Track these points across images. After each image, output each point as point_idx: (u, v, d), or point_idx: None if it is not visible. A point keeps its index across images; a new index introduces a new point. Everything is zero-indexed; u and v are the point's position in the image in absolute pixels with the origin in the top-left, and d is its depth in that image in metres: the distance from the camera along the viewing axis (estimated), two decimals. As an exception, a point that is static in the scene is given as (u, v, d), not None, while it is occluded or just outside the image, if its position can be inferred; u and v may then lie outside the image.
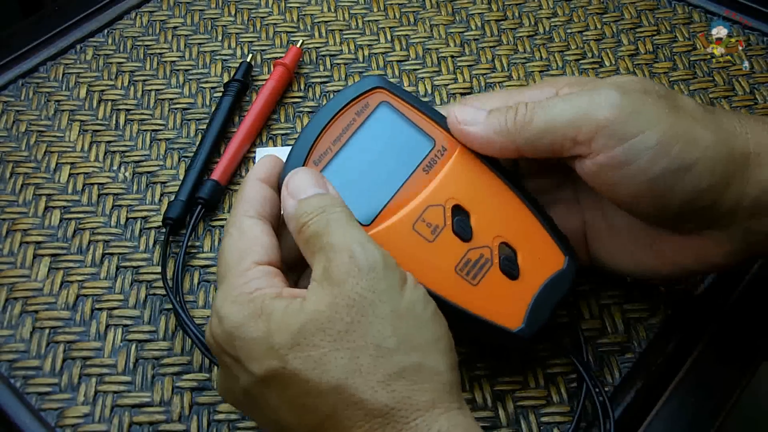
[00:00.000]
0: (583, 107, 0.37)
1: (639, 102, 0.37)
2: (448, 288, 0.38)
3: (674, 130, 0.36)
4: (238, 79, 0.57)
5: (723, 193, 0.37)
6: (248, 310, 0.34)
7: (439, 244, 0.38)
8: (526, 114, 0.38)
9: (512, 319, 0.39)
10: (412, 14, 0.64)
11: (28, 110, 0.57)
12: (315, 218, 0.36)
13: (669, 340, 0.46)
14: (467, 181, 0.40)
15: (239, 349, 0.34)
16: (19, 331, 0.46)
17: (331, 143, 0.39)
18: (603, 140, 0.37)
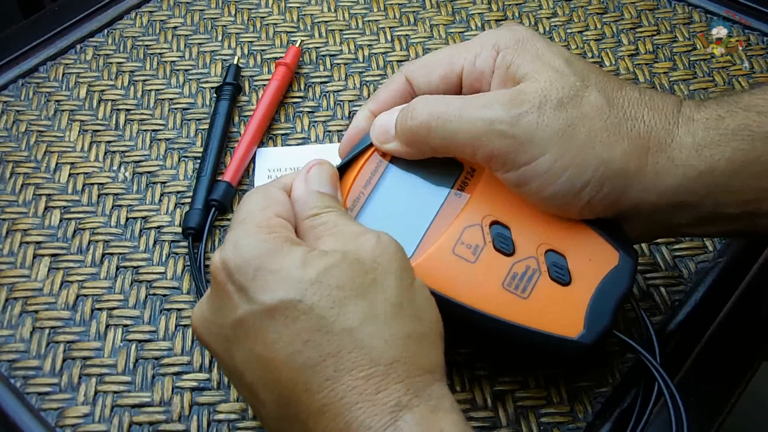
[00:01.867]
0: (478, 132, 0.38)
1: (532, 127, 0.37)
2: (498, 306, 0.38)
3: (564, 157, 0.37)
4: (231, 82, 0.57)
5: (618, 200, 0.38)
6: (270, 245, 0.35)
7: (481, 263, 0.38)
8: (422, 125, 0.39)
9: (571, 327, 0.38)
10: (412, 14, 0.64)
11: (28, 110, 0.57)
12: (330, 211, 0.37)
13: (669, 341, 0.45)
14: (501, 195, 0.40)
15: (252, 276, 0.34)
16: (19, 331, 0.46)
17: (363, 187, 0.40)
18: (498, 165, 0.38)
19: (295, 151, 0.55)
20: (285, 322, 0.33)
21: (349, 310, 0.33)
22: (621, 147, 0.38)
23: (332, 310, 0.33)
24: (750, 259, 0.49)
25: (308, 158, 0.53)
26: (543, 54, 0.40)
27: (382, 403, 0.32)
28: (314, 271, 0.34)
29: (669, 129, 0.39)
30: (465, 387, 0.44)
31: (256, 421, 0.43)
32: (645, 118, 0.39)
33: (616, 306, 0.38)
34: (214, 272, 0.36)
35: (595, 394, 0.44)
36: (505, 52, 0.40)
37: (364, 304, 0.33)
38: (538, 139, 0.37)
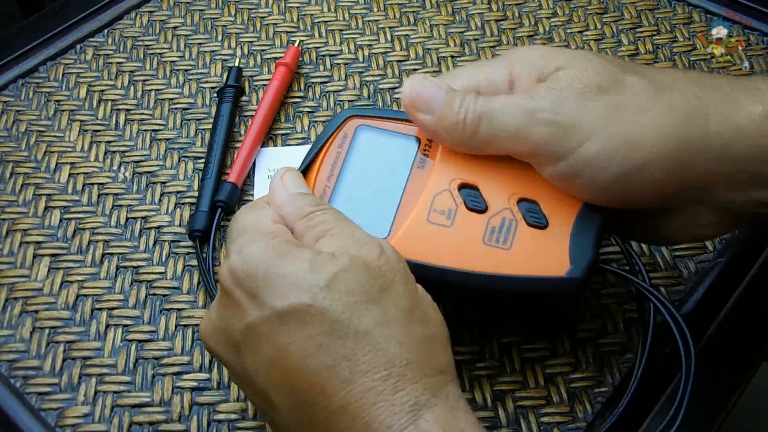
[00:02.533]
0: (521, 122, 0.37)
1: (575, 110, 0.36)
2: (483, 262, 0.38)
3: (613, 138, 0.36)
4: (233, 84, 0.57)
5: (688, 179, 0.37)
6: (275, 249, 0.35)
7: (458, 225, 0.39)
8: (473, 120, 0.38)
9: (559, 266, 0.38)
10: (412, 14, 0.64)
11: (28, 110, 0.57)
12: (325, 210, 0.37)
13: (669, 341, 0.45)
14: (463, 159, 0.40)
15: (262, 282, 0.34)
16: (19, 331, 0.46)
17: (326, 180, 0.40)
18: (545, 158, 0.37)
19: (294, 151, 0.55)
20: (297, 327, 0.33)
21: (362, 314, 0.33)
22: (675, 119, 0.36)
23: (344, 314, 0.33)
24: (750, 259, 0.49)
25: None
26: (565, 50, 0.39)
27: (401, 402, 0.32)
28: (324, 275, 0.33)
29: (728, 98, 0.37)
30: (465, 387, 0.44)
31: (256, 421, 0.43)
32: (697, 93, 0.37)
33: (596, 238, 0.38)
34: (222, 281, 0.36)
35: (595, 394, 0.44)
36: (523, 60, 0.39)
37: (376, 309, 0.33)
38: (581, 123, 0.36)
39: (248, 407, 0.43)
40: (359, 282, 0.34)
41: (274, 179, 0.39)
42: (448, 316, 0.44)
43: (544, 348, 0.45)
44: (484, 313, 0.47)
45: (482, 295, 0.40)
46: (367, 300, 0.33)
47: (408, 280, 0.35)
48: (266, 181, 0.53)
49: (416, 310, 0.34)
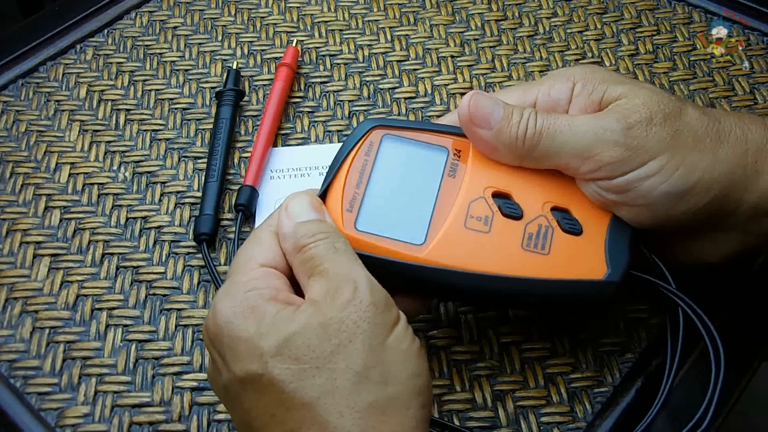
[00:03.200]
0: (589, 141, 0.39)
1: (642, 136, 0.38)
2: (524, 266, 0.38)
3: (675, 158, 0.38)
4: (233, 88, 0.57)
5: (723, 204, 0.39)
6: (241, 307, 0.35)
7: (496, 231, 0.39)
8: (535, 135, 0.39)
9: (597, 270, 0.39)
10: (412, 14, 0.64)
11: (28, 110, 0.57)
12: (317, 242, 0.37)
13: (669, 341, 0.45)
14: (493, 168, 0.41)
15: (225, 346, 0.35)
16: (19, 331, 0.46)
17: (356, 188, 0.40)
18: (605, 173, 0.39)
19: (299, 150, 0.55)
20: (254, 395, 0.34)
21: (308, 384, 0.33)
22: (724, 150, 0.39)
23: (292, 384, 0.33)
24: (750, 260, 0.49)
25: (313, 157, 0.54)
26: (625, 79, 0.41)
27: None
28: (275, 341, 0.33)
29: (763, 133, 0.40)
30: (465, 387, 0.44)
31: (256, 421, 0.43)
32: (739, 125, 0.40)
33: (629, 243, 0.40)
34: (203, 338, 0.37)
35: (595, 394, 0.44)
36: (584, 81, 0.41)
37: (323, 376, 0.33)
38: (648, 147, 0.38)
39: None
40: (311, 345, 0.33)
41: (280, 209, 0.39)
42: (448, 316, 0.45)
43: (544, 348, 0.45)
44: (484, 313, 0.47)
45: (521, 300, 0.40)
46: (316, 366, 0.33)
47: (374, 331, 0.34)
48: (269, 182, 0.53)
49: (372, 370, 0.33)
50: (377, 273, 0.36)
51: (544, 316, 0.46)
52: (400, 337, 0.35)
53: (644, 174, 0.38)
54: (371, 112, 0.57)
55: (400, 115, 0.57)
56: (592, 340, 0.46)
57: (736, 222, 0.40)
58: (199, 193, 0.53)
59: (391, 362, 0.34)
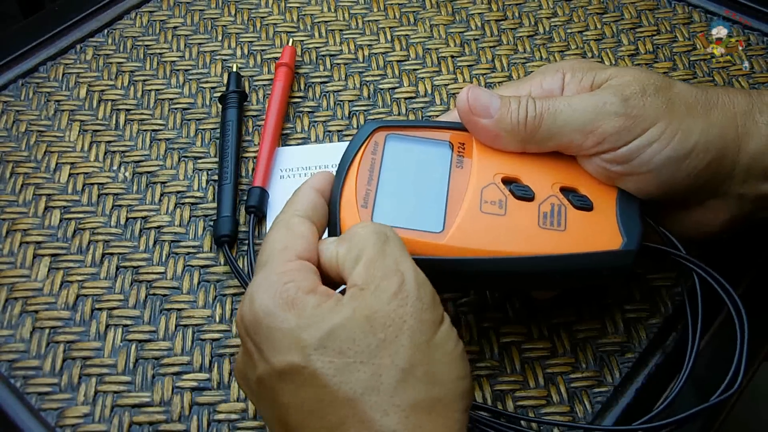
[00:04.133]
0: (590, 116, 0.40)
1: (639, 106, 0.40)
2: (544, 244, 0.39)
3: (672, 124, 0.40)
4: (237, 90, 0.56)
5: (719, 166, 0.41)
6: (281, 299, 0.34)
7: (511, 213, 0.40)
8: (536, 117, 0.40)
9: (613, 241, 0.40)
10: (412, 14, 0.64)
11: (28, 110, 0.57)
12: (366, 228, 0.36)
13: (669, 340, 0.46)
14: (497, 155, 0.42)
15: (264, 336, 0.34)
16: (19, 331, 0.46)
17: (367, 185, 0.40)
18: (609, 144, 0.40)
19: (304, 150, 0.55)
20: (293, 388, 0.33)
21: (352, 378, 0.32)
22: (715, 115, 0.41)
23: (335, 378, 0.32)
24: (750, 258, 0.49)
25: (320, 156, 0.54)
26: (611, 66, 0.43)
27: None
28: (319, 333, 0.33)
29: (748, 98, 0.42)
30: (465, 387, 0.44)
31: (256, 421, 0.43)
32: (725, 94, 0.42)
33: (640, 213, 0.41)
34: (237, 328, 0.36)
35: (595, 394, 0.44)
36: (573, 71, 0.43)
37: (368, 371, 0.32)
38: (646, 115, 0.40)
39: (248, 407, 0.43)
40: (355, 338, 0.33)
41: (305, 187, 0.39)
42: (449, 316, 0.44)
43: (544, 348, 0.45)
44: (484, 313, 0.47)
45: (544, 279, 0.41)
46: (361, 360, 0.32)
47: (421, 328, 0.33)
48: (279, 182, 0.53)
49: (418, 369, 0.32)
50: None
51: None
52: (445, 337, 0.34)
53: (646, 141, 0.40)
54: (371, 112, 0.57)
55: (400, 115, 0.57)
56: (592, 340, 0.46)
57: (732, 186, 0.42)
58: (200, 193, 0.53)
59: (437, 362, 0.33)
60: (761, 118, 0.42)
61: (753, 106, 0.42)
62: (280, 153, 0.55)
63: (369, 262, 0.35)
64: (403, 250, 0.36)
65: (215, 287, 0.48)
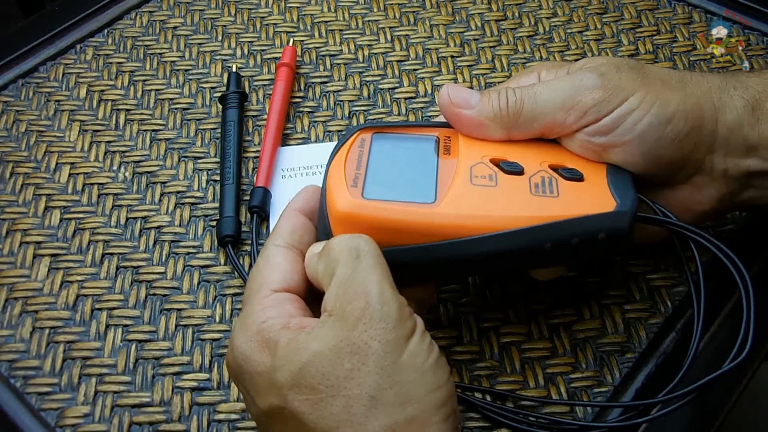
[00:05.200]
0: (569, 92, 0.41)
1: (615, 78, 0.41)
2: (537, 210, 0.39)
3: (650, 94, 0.41)
4: (237, 90, 0.57)
5: (699, 136, 0.42)
6: (256, 341, 0.35)
7: (502, 185, 0.40)
8: (516, 101, 0.41)
9: (607, 205, 0.40)
10: (412, 14, 0.64)
11: (28, 110, 0.57)
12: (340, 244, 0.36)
13: (669, 340, 0.46)
14: (483, 143, 0.42)
15: (247, 381, 0.35)
16: (19, 331, 0.46)
17: (356, 170, 0.40)
18: (591, 116, 0.41)
19: (306, 149, 0.55)
20: (281, 426, 0.35)
21: (326, 414, 0.33)
22: (689, 88, 0.42)
23: (311, 415, 0.33)
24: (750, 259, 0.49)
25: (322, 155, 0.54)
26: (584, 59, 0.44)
27: None
28: (291, 372, 0.33)
29: (721, 78, 0.44)
30: (465, 387, 0.44)
31: (256, 421, 0.43)
32: (698, 74, 0.44)
33: (631, 183, 0.41)
34: (229, 373, 0.38)
35: (595, 394, 0.44)
36: (548, 69, 0.44)
37: (340, 404, 0.32)
38: (623, 86, 0.41)
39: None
40: (324, 372, 0.33)
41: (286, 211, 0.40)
42: (448, 317, 0.45)
43: (544, 348, 0.45)
44: (484, 313, 0.47)
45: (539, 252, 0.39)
46: (332, 394, 0.33)
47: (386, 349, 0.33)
48: (281, 182, 0.53)
49: (387, 393, 0.32)
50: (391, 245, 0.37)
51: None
52: (415, 353, 0.33)
53: (627, 109, 0.40)
54: (371, 112, 0.57)
55: (400, 115, 0.57)
56: (592, 340, 0.46)
57: (715, 161, 0.43)
58: (200, 193, 0.53)
59: (406, 381, 0.33)
60: (735, 93, 0.42)
61: (726, 82, 0.43)
62: (281, 153, 0.55)
63: (338, 283, 0.35)
64: (374, 263, 0.35)
65: (215, 287, 0.48)
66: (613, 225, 0.39)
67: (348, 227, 0.37)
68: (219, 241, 0.49)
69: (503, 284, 0.48)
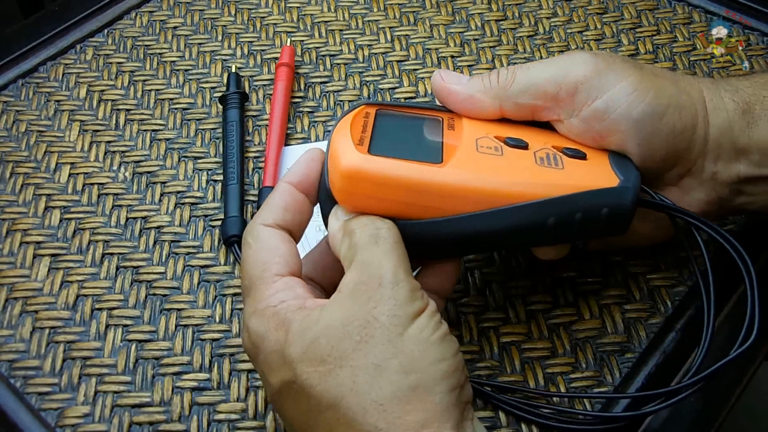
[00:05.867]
0: (562, 67, 0.41)
1: (609, 60, 0.41)
2: (545, 178, 0.39)
3: (645, 81, 0.41)
4: (238, 91, 0.56)
5: (693, 135, 0.41)
6: (273, 322, 0.35)
7: (507, 155, 0.40)
8: (508, 75, 0.41)
9: (611, 181, 0.40)
10: (412, 14, 0.64)
11: (28, 110, 0.57)
12: (362, 229, 0.37)
13: (669, 340, 0.45)
14: (488, 124, 0.42)
15: (263, 360, 0.36)
16: (19, 331, 0.46)
17: (362, 133, 0.39)
18: (584, 94, 0.40)
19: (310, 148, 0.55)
20: (291, 403, 0.35)
21: (333, 384, 0.33)
22: (682, 84, 0.42)
23: (319, 386, 0.33)
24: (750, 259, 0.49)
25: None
26: None
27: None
28: (303, 346, 0.34)
29: (712, 81, 0.44)
30: (465, 387, 0.44)
31: (256, 421, 0.43)
32: (690, 76, 0.44)
33: (634, 165, 0.41)
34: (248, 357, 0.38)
35: (595, 394, 0.44)
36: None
37: (346, 374, 0.33)
38: (617, 67, 0.41)
39: (248, 407, 0.43)
40: (334, 345, 0.34)
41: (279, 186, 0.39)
42: (448, 317, 0.45)
43: (544, 348, 0.45)
44: (484, 314, 0.47)
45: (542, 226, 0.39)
46: (340, 365, 0.33)
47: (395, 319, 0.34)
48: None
49: (391, 361, 0.33)
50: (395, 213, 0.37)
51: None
52: (421, 327, 0.34)
53: (623, 93, 0.40)
54: (371, 112, 0.57)
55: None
56: (592, 340, 0.46)
57: (705, 163, 0.42)
58: (200, 193, 0.53)
59: (410, 351, 0.33)
60: (726, 95, 0.42)
61: (717, 85, 0.43)
62: (286, 152, 0.55)
63: (356, 267, 0.35)
64: (391, 248, 0.36)
65: (215, 287, 0.48)
66: (617, 201, 0.39)
67: (353, 185, 0.37)
68: (225, 241, 0.49)
69: (503, 284, 0.48)
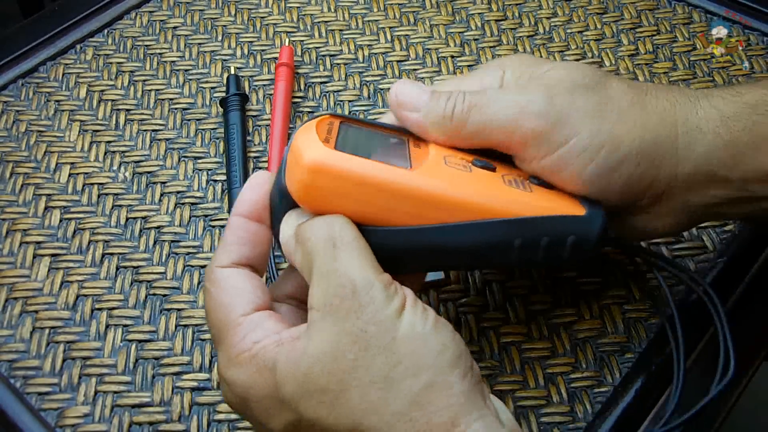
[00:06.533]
0: (513, 114, 0.38)
1: (566, 107, 0.38)
2: (513, 197, 0.38)
3: (599, 135, 0.38)
4: (238, 93, 0.56)
5: (656, 176, 0.39)
6: (253, 367, 0.34)
7: (476, 173, 0.38)
8: (463, 111, 0.39)
9: (578, 210, 0.39)
10: (412, 14, 0.64)
11: (28, 110, 0.57)
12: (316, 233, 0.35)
13: (669, 340, 0.45)
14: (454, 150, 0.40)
15: (254, 409, 0.34)
16: (19, 331, 0.46)
17: (327, 134, 0.37)
18: (534, 150, 0.39)
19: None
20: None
21: (345, 409, 0.32)
22: (651, 122, 0.39)
23: (330, 416, 0.32)
24: (750, 259, 0.49)
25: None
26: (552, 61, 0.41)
27: None
28: (297, 383, 0.33)
29: (692, 103, 0.40)
30: (465, 387, 0.44)
31: (256, 421, 0.43)
32: (667, 97, 0.40)
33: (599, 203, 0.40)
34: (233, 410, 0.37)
35: (595, 394, 0.44)
36: (513, 68, 0.41)
37: (356, 396, 0.32)
38: (572, 118, 0.38)
39: (248, 407, 0.43)
40: (330, 370, 0.32)
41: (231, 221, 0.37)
42: (448, 317, 0.44)
43: (544, 348, 0.45)
44: (484, 313, 0.47)
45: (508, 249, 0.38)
46: (343, 389, 0.32)
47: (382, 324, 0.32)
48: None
49: (398, 369, 0.32)
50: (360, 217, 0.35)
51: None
52: (411, 322, 0.33)
53: (572, 152, 0.38)
54: (371, 112, 0.57)
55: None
56: (592, 340, 0.46)
57: (676, 194, 0.40)
58: (200, 193, 0.53)
59: (411, 352, 0.32)
60: (705, 125, 0.39)
61: (697, 110, 0.40)
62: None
63: (320, 277, 0.33)
64: (351, 248, 0.34)
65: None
66: (584, 230, 0.38)
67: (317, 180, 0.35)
68: None
69: (503, 284, 0.48)
